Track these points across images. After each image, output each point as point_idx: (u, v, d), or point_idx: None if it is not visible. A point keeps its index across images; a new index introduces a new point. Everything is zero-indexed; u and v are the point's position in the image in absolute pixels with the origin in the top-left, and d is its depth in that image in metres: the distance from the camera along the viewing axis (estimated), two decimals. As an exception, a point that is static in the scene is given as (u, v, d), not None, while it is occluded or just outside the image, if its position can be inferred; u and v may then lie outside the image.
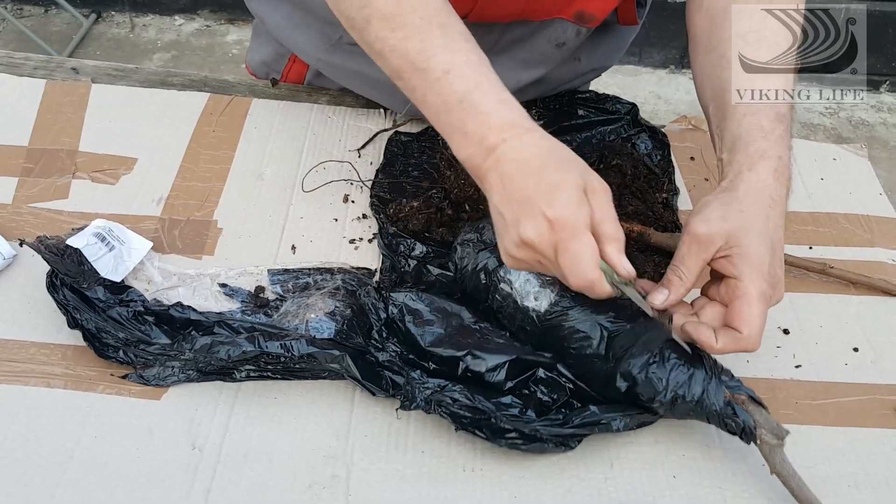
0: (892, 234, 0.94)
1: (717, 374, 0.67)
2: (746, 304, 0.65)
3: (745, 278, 0.65)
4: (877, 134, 2.68)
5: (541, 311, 0.71)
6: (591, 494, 0.67)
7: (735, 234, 0.66)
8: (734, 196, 0.68)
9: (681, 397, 0.66)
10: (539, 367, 0.71)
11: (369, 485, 0.67)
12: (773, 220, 0.68)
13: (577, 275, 0.61)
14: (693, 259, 0.67)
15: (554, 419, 0.68)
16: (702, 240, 0.67)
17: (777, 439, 0.64)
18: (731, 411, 0.65)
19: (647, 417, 0.69)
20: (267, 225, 0.88)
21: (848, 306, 0.85)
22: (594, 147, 0.99)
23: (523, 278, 0.73)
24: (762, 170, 0.69)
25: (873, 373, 0.79)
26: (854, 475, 0.69)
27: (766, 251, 0.66)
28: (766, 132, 0.71)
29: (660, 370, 0.66)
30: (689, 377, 0.66)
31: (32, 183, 0.89)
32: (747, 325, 0.65)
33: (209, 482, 0.66)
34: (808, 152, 1.05)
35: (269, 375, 0.73)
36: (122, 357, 0.73)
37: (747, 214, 0.67)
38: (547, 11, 0.87)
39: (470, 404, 0.68)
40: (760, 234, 0.66)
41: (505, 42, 0.91)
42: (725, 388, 0.66)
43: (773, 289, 0.67)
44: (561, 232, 0.61)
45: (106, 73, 1.07)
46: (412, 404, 0.68)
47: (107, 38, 2.92)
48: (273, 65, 1.09)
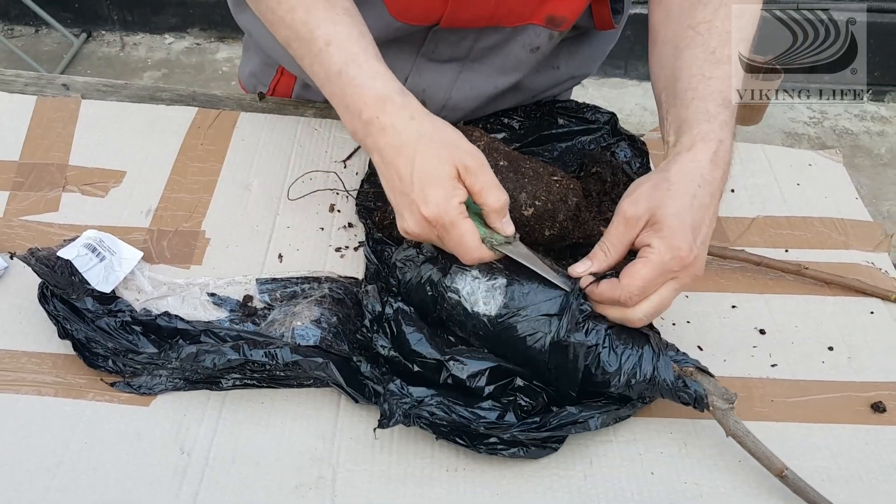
0: (866, 236, 0.96)
1: (663, 350, 0.70)
2: (640, 263, 0.68)
3: (653, 245, 0.68)
4: (860, 143, 2.71)
5: (492, 315, 0.72)
6: (570, 492, 0.68)
7: (656, 211, 0.69)
8: (665, 176, 0.71)
9: (633, 377, 0.68)
10: (517, 376, 0.72)
11: (355, 486, 0.68)
12: (699, 200, 0.69)
13: (465, 256, 0.69)
14: (620, 237, 0.70)
15: (530, 423, 0.69)
16: (629, 220, 0.70)
17: (727, 403, 0.68)
18: (682, 384, 0.68)
19: (624, 411, 0.71)
20: (254, 235, 0.90)
21: (823, 306, 0.87)
22: (575, 156, 1.01)
23: (470, 286, 0.74)
24: (700, 151, 0.71)
25: (848, 371, 0.80)
26: (828, 469, 0.71)
27: (684, 228, 0.68)
28: (711, 116, 0.73)
29: (610, 356, 0.69)
30: (639, 357, 0.69)
31: (23, 196, 0.91)
32: (628, 277, 0.67)
33: (197, 485, 0.67)
34: (785, 158, 1.07)
35: (254, 384, 0.75)
36: (110, 366, 0.74)
37: (672, 193, 0.69)
38: (517, 16, 0.89)
39: (447, 417, 0.69)
40: (680, 211, 0.68)
41: (480, 49, 0.93)
42: (673, 363, 0.69)
43: (680, 265, 0.67)
44: (439, 227, 0.67)
45: (96, 88, 1.08)
46: (391, 420, 0.69)
47: (97, 57, 2.94)
48: (261, 76, 1.11)
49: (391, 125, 0.68)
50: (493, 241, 0.70)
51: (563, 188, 0.83)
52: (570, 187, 0.84)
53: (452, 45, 0.91)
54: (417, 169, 0.66)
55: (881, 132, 2.76)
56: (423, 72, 0.94)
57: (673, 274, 0.68)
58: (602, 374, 0.69)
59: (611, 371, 0.69)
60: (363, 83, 0.69)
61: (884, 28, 2.68)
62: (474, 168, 0.67)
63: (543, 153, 1.01)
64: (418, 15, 0.87)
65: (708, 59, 0.77)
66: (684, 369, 0.69)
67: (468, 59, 0.91)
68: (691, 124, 0.73)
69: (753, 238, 0.95)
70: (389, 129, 0.68)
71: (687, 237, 0.67)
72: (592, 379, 0.70)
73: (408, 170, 0.67)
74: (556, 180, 0.84)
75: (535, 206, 0.81)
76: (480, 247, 0.69)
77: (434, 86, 0.95)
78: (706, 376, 0.69)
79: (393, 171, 0.68)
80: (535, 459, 0.70)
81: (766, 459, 0.67)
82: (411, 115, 0.68)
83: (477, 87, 0.96)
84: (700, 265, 0.69)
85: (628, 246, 0.71)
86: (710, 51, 0.77)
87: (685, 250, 0.67)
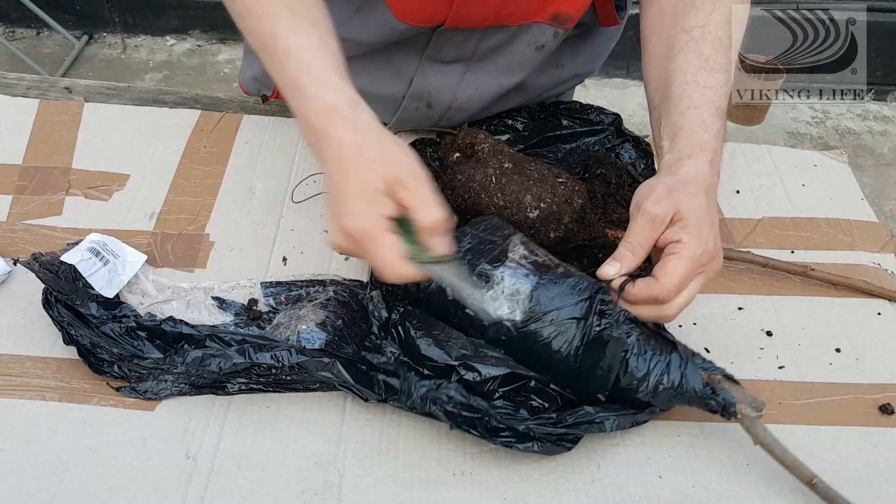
0: (872, 237, 0.96)
1: (690, 358, 0.70)
2: (674, 259, 0.68)
3: (683, 241, 0.69)
4: (863, 142, 2.71)
5: (517, 321, 0.72)
6: (578, 495, 0.68)
7: (680, 209, 0.70)
8: (677, 179, 0.72)
9: (661, 383, 0.68)
10: (532, 380, 0.72)
11: (361, 490, 0.68)
12: (710, 201, 0.72)
13: (386, 275, 0.65)
14: (646, 235, 0.70)
15: (547, 418, 0.69)
16: (656, 218, 0.70)
17: (756, 411, 0.68)
18: (710, 391, 0.68)
19: (641, 417, 0.71)
20: (258, 238, 0.89)
21: (830, 308, 0.87)
22: (579, 157, 1.00)
23: (493, 291, 0.73)
24: (701, 160, 0.74)
25: (855, 372, 0.80)
26: (836, 472, 0.71)
27: (706, 224, 0.70)
28: (707, 126, 0.75)
29: (638, 361, 0.69)
30: (667, 364, 0.69)
31: (27, 200, 0.91)
32: (665, 275, 0.68)
33: (203, 490, 0.67)
34: (789, 159, 1.07)
35: (260, 388, 0.75)
36: (116, 372, 0.74)
37: (690, 192, 0.71)
38: (522, 15, 0.89)
39: (465, 402, 0.69)
40: (701, 210, 0.70)
41: (484, 49, 0.93)
42: (701, 370, 0.69)
43: (709, 259, 0.70)
44: (360, 241, 0.65)
45: (98, 91, 1.08)
46: (408, 400, 0.69)
47: (98, 59, 2.94)
48: (263, 80, 1.11)
49: (336, 137, 0.67)
50: (421, 259, 0.66)
51: (568, 190, 0.83)
52: (575, 189, 0.84)
53: (457, 46, 0.91)
54: (349, 181, 0.66)
55: (884, 132, 2.76)
56: (427, 73, 0.94)
57: (702, 268, 0.70)
58: (630, 379, 0.69)
59: (639, 377, 0.69)
60: (315, 95, 0.68)
61: (885, 28, 2.68)
62: (409, 183, 0.65)
63: (548, 155, 1.00)
64: (423, 16, 0.87)
65: (702, 67, 0.78)
66: (712, 377, 0.69)
67: (473, 60, 0.90)
68: (688, 133, 0.75)
69: (759, 239, 0.94)
70: (334, 141, 0.67)
71: (712, 231, 0.70)
72: (618, 384, 0.69)
73: (341, 182, 0.66)
74: (561, 182, 0.83)
75: (541, 208, 0.81)
76: (401, 263, 0.65)
77: (439, 87, 0.95)
78: (735, 385, 0.69)
79: (330, 183, 0.67)
80: (548, 456, 0.70)
81: (796, 468, 0.67)
82: (355, 127, 0.67)
83: (482, 87, 0.96)
84: (721, 259, 0.72)
85: (652, 245, 0.71)
86: (703, 58, 0.78)
87: (712, 243, 0.70)
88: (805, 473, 0.67)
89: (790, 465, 0.67)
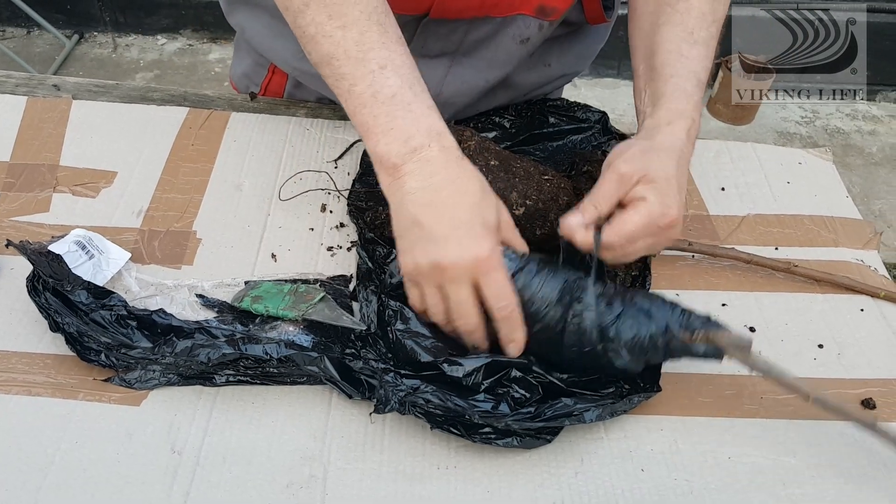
0: (856, 234, 0.96)
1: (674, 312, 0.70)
2: (632, 211, 0.72)
3: (647, 198, 0.71)
4: (852, 142, 2.72)
5: None
6: (561, 488, 0.68)
7: (648, 171, 0.72)
8: (652, 144, 0.75)
9: (649, 342, 0.69)
10: (512, 368, 0.72)
11: (346, 484, 0.68)
12: (681, 169, 0.75)
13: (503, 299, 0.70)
14: (612, 192, 0.73)
15: (525, 413, 0.69)
16: (623, 176, 0.72)
17: (744, 348, 0.70)
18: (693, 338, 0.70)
19: (620, 406, 0.71)
20: (246, 235, 0.90)
21: (813, 304, 0.87)
22: (566, 155, 1.01)
23: None
24: (678, 127, 0.76)
25: (838, 368, 0.81)
26: (818, 466, 0.71)
27: (673, 191, 0.72)
28: (688, 96, 0.78)
29: (625, 324, 0.69)
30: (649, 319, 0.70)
31: (14, 197, 0.91)
32: (620, 223, 0.71)
33: (188, 484, 0.67)
34: (774, 156, 1.07)
35: (248, 380, 0.75)
36: (104, 360, 0.74)
37: (661, 157, 0.74)
38: (507, 6, 0.90)
39: (442, 405, 0.69)
40: (669, 176, 0.73)
41: (470, 42, 0.93)
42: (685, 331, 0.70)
43: (667, 224, 0.72)
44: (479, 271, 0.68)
45: (87, 89, 1.08)
46: (386, 407, 0.70)
47: (89, 58, 2.94)
48: (253, 76, 1.11)
49: (440, 159, 0.69)
50: None
51: (554, 187, 0.84)
52: (561, 186, 0.85)
53: (442, 39, 0.91)
54: (467, 210, 0.68)
55: (872, 131, 2.78)
56: (413, 68, 0.95)
57: (658, 230, 0.72)
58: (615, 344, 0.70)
59: (629, 337, 0.69)
60: (418, 111, 0.70)
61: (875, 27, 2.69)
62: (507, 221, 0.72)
63: (535, 152, 1.01)
64: (408, 4, 0.87)
65: (685, 39, 0.80)
66: (694, 337, 0.69)
67: (458, 53, 0.90)
68: (669, 100, 0.78)
69: (744, 236, 0.95)
70: (436, 162, 0.69)
71: (676, 198, 0.72)
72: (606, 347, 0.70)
73: (456, 208, 0.68)
74: (548, 179, 0.84)
75: (527, 205, 0.82)
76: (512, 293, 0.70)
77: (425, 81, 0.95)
78: (717, 331, 0.70)
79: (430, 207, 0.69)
80: (528, 450, 0.70)
81: (795, 387, 0.70)
82: (461, 155, 0.71)
83: (468, 81, 0.96)
84: (678, 230, 0.74)
85: (617, 201, 0.73)
86: (688, 31, 0.81)
87: (675, 210, 0.72)
88: (804, 391, 0.70)
89: (789, 385, 0.70)
